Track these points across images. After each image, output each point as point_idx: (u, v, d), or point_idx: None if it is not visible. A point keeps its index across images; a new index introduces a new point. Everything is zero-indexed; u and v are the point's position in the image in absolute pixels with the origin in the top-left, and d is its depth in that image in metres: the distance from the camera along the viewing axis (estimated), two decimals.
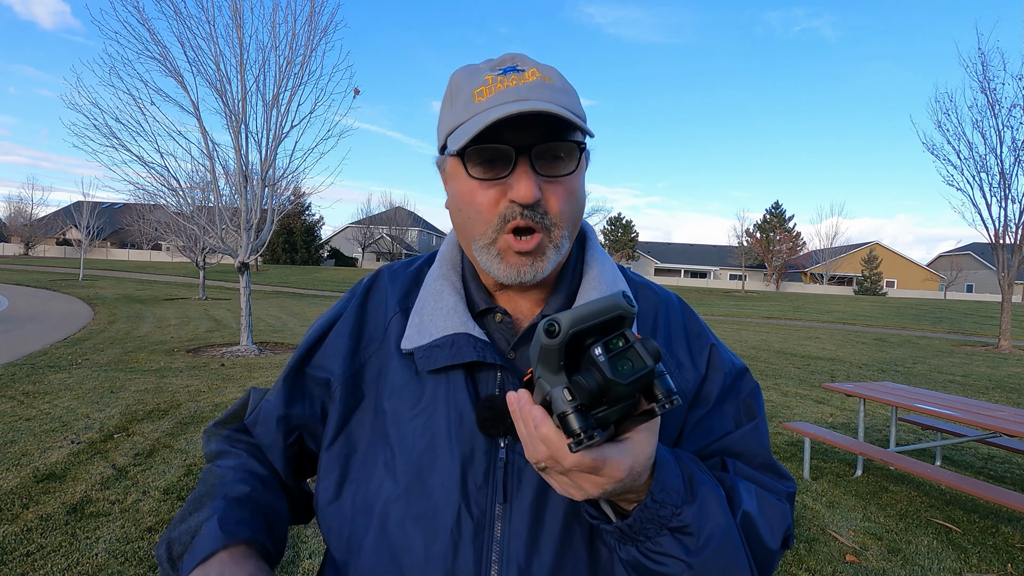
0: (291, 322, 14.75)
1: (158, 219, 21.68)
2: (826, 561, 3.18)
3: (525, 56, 0.71)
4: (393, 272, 0.85)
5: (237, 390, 6.81)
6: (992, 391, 8.72)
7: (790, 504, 0.73)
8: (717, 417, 0.75)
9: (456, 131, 0.68)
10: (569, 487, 0.55)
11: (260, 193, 9.52)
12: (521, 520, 0.67)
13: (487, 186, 0.67)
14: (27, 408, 5.70)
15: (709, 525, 0.60)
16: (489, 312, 0.76)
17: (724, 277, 63.75)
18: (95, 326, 12.57)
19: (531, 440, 0.53)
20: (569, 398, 0.48)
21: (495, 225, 0.68)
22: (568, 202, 0.69)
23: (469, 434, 0.69)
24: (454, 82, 0.72)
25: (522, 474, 0.68)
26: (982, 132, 13.97)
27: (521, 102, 0.65)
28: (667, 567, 0.60)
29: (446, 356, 0.71)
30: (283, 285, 31.61)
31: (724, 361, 0.78)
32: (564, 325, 0.48)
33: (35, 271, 33.71)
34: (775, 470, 0.75)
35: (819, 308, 30.37)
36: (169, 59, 8.69)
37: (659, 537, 0.59)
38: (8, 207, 59.23)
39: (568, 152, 0.68)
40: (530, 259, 0.69)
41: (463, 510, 0.67)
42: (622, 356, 0.47)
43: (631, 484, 0.55)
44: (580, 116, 0.70)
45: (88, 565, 2.88)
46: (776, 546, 0.68)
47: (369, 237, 61.38)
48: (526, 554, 0.66)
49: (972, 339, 17.51)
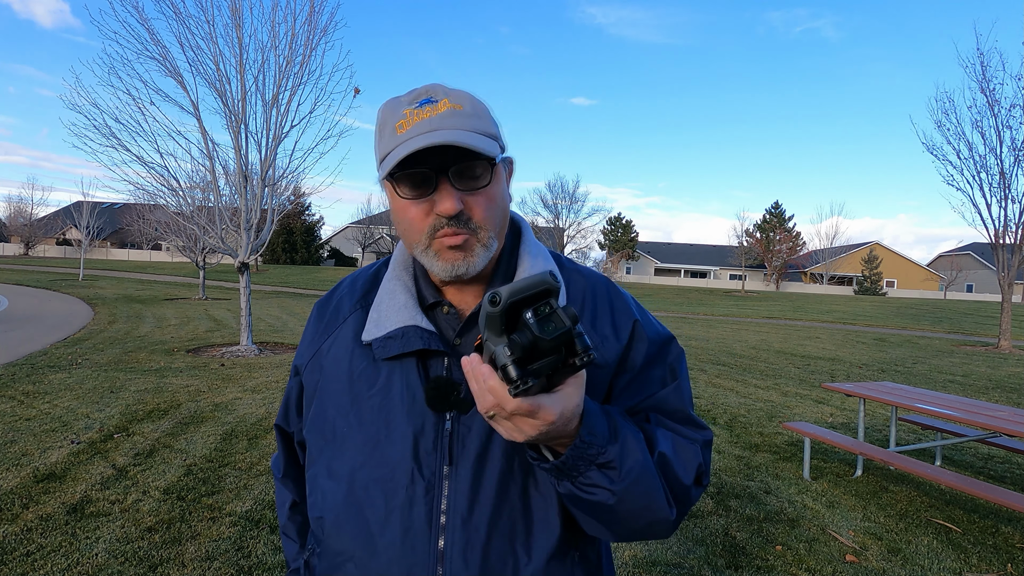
0: (291, 322, 14.75)
1: (158, 219, 21.68)
2: (826, 561, 3.18)
3: (440, 86, 0.82)
4: (354, 279, 1.00)
5: (237, 390, 6.81)
6: (992, 391, 8.72)
7: (704, 449, 0.86)
8: (644, 379, 0.88)
9: (385, 160, 0.80)
10: (512, 431, 0.66)
11: (260, 193, 9.52)
12: (464, 478, 0.81)
13: (416, 203, 0.80)
14: (27, 408, 5.70)
15: (629, 461, 0.73)
16: (437, 305, 0.88)
17: (724, 277, 63.73)
18: (95, 326, 12.58)
19: (481, 392, 0.64)
20: (508, 353, 0.59)
21: (427, 234, 0.81)
22: (489, 208, 0.81)
23: (420, 410, 0.82)
24: (380, 116, 0.83)
25: (466, 440, 0.81)
26: (982, 132, 13.98)
27: (432, 132, 0.76)
28: (597, 495, 0.73)
29: (398, 345, 0.84)
30: (283, 285, 31.62)
31: (648, 331, 0.90)
32: (504, 296, 0.59)
33: (35, 271, 33.71)
34: (693, 422, 0.88)
35: (819, 308, 30.37)
36: (169, 59, 8.70)
37: (588, 472, 0.71)
38: (8, 207, 59.22)
39: (482, 167, 0.80)
40: (461, 253, 0.81)
41: (416, 472, 0.81)
42: (547, 319, 0.59)
43: (563, 428, 0.66)
44: (490, 133, 0.81)
45: (88, 565, 2.89)
46: (690, 481, 0.82)
47: (369, 237, 61.37)
48: (468, 506, 0.80)
49: (972, 339, 17.51)
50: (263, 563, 2.98)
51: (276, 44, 9.16)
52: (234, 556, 3.03)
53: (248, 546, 3.14)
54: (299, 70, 9.30)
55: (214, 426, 5.31)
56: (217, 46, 8.86)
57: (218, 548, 3.10)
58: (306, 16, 9.22)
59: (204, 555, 3.03)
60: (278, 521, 1.11)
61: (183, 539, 3.19)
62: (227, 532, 3.28)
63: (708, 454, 0.87)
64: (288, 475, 1.07)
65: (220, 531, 3.29)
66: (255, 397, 6.50)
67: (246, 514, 3.51)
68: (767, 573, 3.05)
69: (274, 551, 3.10)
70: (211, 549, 3.09)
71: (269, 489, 3.90)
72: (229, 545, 3.14)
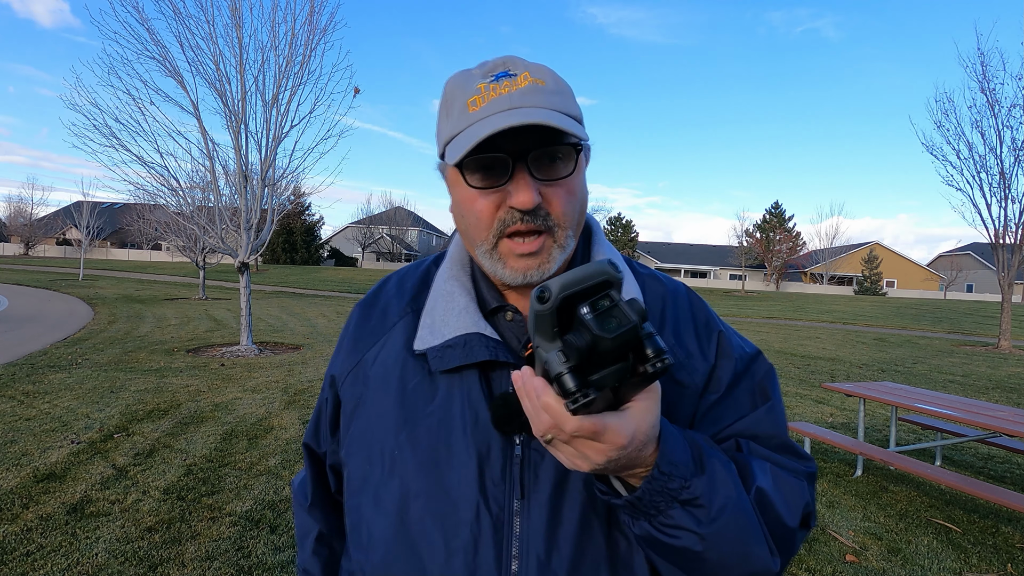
0: (291, 322, 14.76)
1: (158, 219, 21.66)
2: (826, 561, 3.18)
3: (517, 58, 0.71)
4: (401, 277, 0.87)
5: (237, 390, 6.81)
6: (992, 391, 8.72)
7: (810, 484, 0.72)
8: (730, 402, 0.75)
9: (452, 142, 0.69)
10: (575, 457, 0.56)
11: (260, 193, 9.52)
12: (539, 515, 0.68)
13: (486, 194, 0.68)
14: (27, 408, 5.70)
15: (720, 497, 0.60)
16: (500, 311, 0.76)
17: (724, 277, 63.72)
18: (95, 326, 12.57)
19: (535, 412, 0.54)
20: (563, 359, 0.50)
21: (495, 231, 0.69)
22: (569, 203, 0.70)
23: (484, 432, 0.70)
24: (448, 90, 0.72)
25: (539, 469, 0.69)
26: (982, 132, 13.98)
27: (513, 111, 0.65)
28: (680, 539, 0.60)
29: (459, 356, 0.72)
30: (283, 285, 31.61)
31: (734, 347, 0.78)
32: (555, 290, 0.50)
33: (35, 271, 33.70)
34: (793, 451, 0.75)
35: (819, 308, 30.37)
36: (169, 59, 8.71)
37: (670, 510, 0.59)
38: (8, 207, 59.25)
39: (565, 154, 0.69)
40: (536, 260, 0.70)
41: (482, 507, 0.69)
42: (608, 314, 0.49)
43: (636, 455, 0.56)
44: (574, 115, 0.70)
45: (88, 565, 2.89)
46: (795, 523, 0.68)
47: (369, 237, 61.38)
48: (546, 548, 0.67)
49: (972, 339, 17.51)
50: (263, 563, 2.98)
51: (276, 44, 9.18)
52: (234, 556, 3.03)
53: (248, 546, 3.14)
54: (299, 70, 9.32)
55: (214, 426, 5.31)
56: (217, 46, 8.87)
57: (218, 548, 3.10)
58: (306, 16, 9.24)
59: (204, 555, 3.03)
60: (297, 557, 0.94)
61: (183, 539, 3.19)
62: (227, 532, 3.28)
63: (814, 490, 0.74)
64: (316, 504, 0.92)
65: (220, 531, 3.29)
66: (255, 397, 6.50)
67: (246, 514, 3.51)
68: None
69: (274, 551, 3.10)
70: (211, 549, 3.09)
71: (269, 489, 3.90)
72: (229, 545, 3.14)
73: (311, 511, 0.92)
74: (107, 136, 8.75)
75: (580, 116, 0.72)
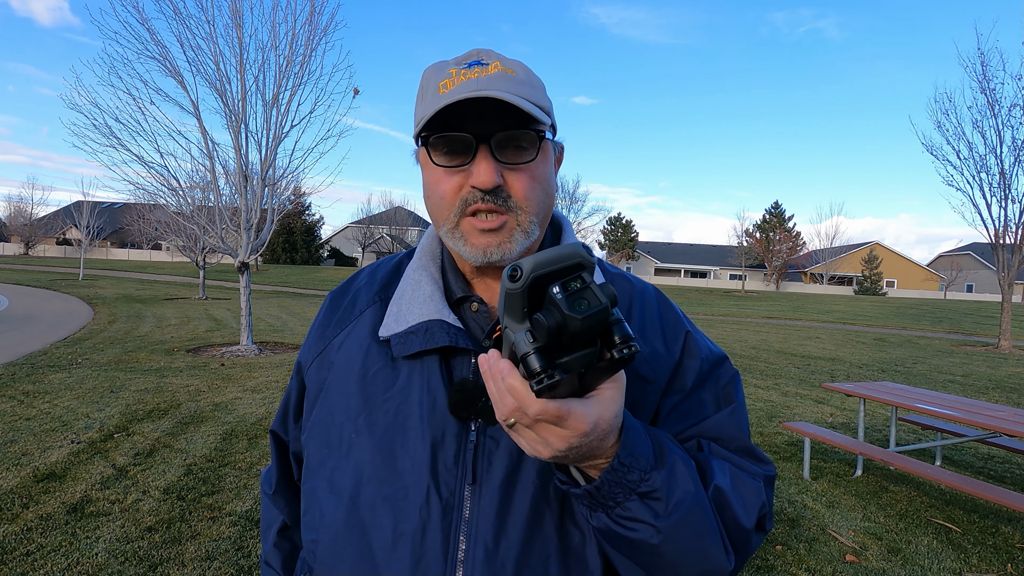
0: (291, 322, 14.76)
1: (158, 219, 21.67)
2: (826, 561, 3.18)
3: (492, 51, 0.73)
4: (374, 269, 0.89)
5: (237, 390, 6.81)
6: (992, 391, 8.72)
7: (767, 487, 0.73)
8: (695, 402, 0.76)
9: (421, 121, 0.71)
10: (536, 443, 0.55)
11: (260, 193, 9.51)
12: (490, 501, 0.68)
13: (450, 173, 0.71)
14: (27, 408, 5.70)
15: (678, 492, 0.60)
16: (466, 301, 0.78)
17: (724, 277, 63.71)
18: (95, 326, 12.57)
19: (500, 394, 0.54)
20: (531, 340, 0.49)
21: (457, 209, 0.71)
22: (532, 188, 0.71)
23: (441, 418, 0.70)
24: (424, 77, 0.74)
25: (492, 457, 0.69)
26: (982, 132, 13.98)
27: (478, 91, 0.66)
28: (637, 532, 0.60)
29: (420, 342, 0.73)
30: (283, 285, 31.61)
31: (700, 348, 0.80)
32: (527, 269, 0.49)
33: (35, 271, 33.69)
34: (752, 454, 0.75)
35: (819, 308, 30.37)
36: (169, 59, 8.70)
37: (628, 502, 0.59)
38: (8, 207, 59.23)
39: (530, 141, 0.71)
40: (496, 238, 0.71)
41: (432, 491, 0.69)
42: (579, 295, 0.48)
43: (597, 444, 0.56)
44: (541, 106, 0.72)
45: (88, 565, 2.89)
46: (751, 524, 0.68)
47: (369, 237, 61.36)
48: (494, 535, 0.67)
49: (972, 339, 17.51)
50: None
51: (276, 44, 9.17)
52: (234, 556, 3.03)
53: (248, 546, 3.14)
54: (299, 70, 9.31)
55: (214, 426, 5.31)
56: (217, 46, 8.87)
57: (218, 548, 3.10)
58: (306, 16, 9.23)
59: (204, 555, 3.03)
60: (261, 548, 0.93)
61: (183, 539, 3.19)
62: (227, 532, 3.28)
63: (771, 493, 0.74)
64: (280, 492, 0.93)
65: (220, 531, 3.29)
66: (255, 397, 6.50)
67: (246, 514, 3.51)
68: (767, 573, 3.05)
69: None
70: (211, 549, 3.09)
71: None
72: (229, 545, 3.14)
73: (275, 499, 0.93)
74: (107, 136, 8.75)
75: (549, 109, 0.74)
